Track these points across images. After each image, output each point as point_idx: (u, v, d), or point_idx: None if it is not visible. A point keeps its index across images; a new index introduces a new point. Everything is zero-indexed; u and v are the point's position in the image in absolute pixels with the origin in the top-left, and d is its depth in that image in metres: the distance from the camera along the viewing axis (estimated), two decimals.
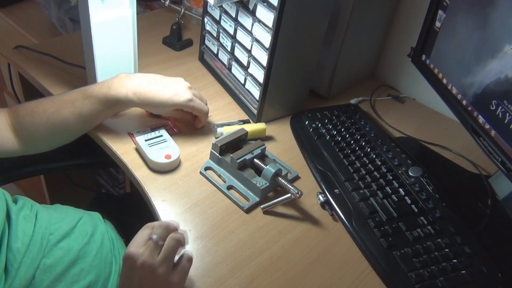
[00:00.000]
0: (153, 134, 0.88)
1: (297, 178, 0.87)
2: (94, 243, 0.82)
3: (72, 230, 0.81)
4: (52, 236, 0.77)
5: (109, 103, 0.84)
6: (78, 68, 1.03)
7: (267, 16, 0.85)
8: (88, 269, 0.78)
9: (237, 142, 0.87)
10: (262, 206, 0.79)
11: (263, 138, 0.94)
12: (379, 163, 0.88)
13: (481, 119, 0.81)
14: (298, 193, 0.76)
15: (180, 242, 0.64)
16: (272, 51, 0.87)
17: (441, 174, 0.89)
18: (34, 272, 0.72)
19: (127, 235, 0.94)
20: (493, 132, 0.78)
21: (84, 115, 0.84)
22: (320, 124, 0.97)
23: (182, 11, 1.19)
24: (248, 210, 0.79)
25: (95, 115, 0.86)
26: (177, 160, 0.85)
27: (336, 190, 0.83)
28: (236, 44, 0.99)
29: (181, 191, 0.81)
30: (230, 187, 0.83)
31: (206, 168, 0.86)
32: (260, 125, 0.93)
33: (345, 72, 1.08)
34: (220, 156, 0.84)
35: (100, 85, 0.84)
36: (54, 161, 1.07)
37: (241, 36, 0.96)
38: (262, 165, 0.82)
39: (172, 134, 0.91)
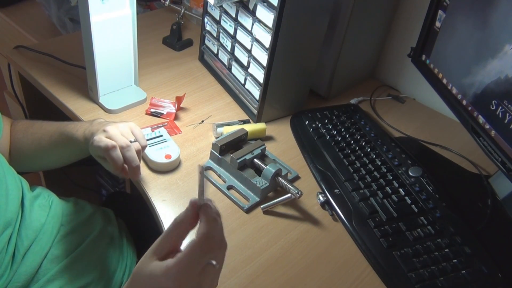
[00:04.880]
0: (153, 134, 0.88)
1: (297, 178, 0.87)
2: (103, 239, 0.83)
3: (83, 224, 0.82)
4: (63, 227, 0.79)
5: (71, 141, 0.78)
6: (78, 68, 1.03)
7: (267, 16, 0.85)
8: (95, 264, 0.79)
9: (237, 142, 0.87)
10: (262, 206, 0.79)
11: (263, 138, 0.94)
12: (379, 163, 0.88)
13: (481, 119, 0.81)
14: (298, 193, 0.76)
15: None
16: (272, 51, 0.87)
17: (441, 174, 0.89)
18: (41, 261, 0.73)
19: (138, 235, 0.95)
20: (493, 132, 0.78)
21: (58, 149, 0.82)
22: (320, 124, 0.97)
23: (182, 11, 1.19)
24: (248, 210, 0.79)
25: (67, 152, 0.84)
26: (177, 160, 0.85)
27: (336, 190, 0.83)
28: (236, 44, 0.99)
29: (181, 191, 0.81)
30: (230, 187, 0.83)
31: (206, 168, 0.85)
32: (260, 125, 0.93)
33: (345, 72, 1.08)
34: (220, 156, 0.84)
35: (76, 126, 0.79)
36: None
37: (241, 36, 0.96)
38: (262, 165, 0.82)
39: (172, 134, 0.91)
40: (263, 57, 0.90)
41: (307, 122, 0.97)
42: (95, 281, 0.78)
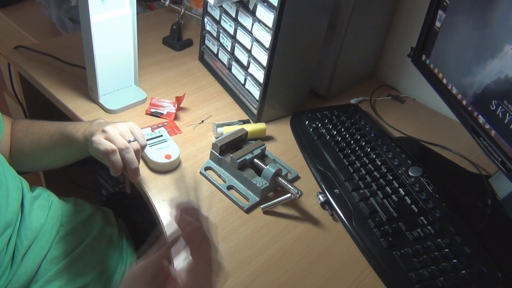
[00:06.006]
0: (153, 134, 0.88)
1: (297, 178, 0.87)
2: (103, 240, 0.83)
3: (83, 225, 0.82)
4: (62, 228, 0.79)
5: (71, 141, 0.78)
6: (78, 68, 1.03)
7: (267, 16, 0.85)
8: (94, 264, 0.79)
9: (237, 142, 0.87)
10: (262, 206, 0.79)
11: (263, 138, 0.94)
12: (379, 163, 0.88)
13: (481, 119, 0.81)
14: (298, 193, 0.76)
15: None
16: (272, 51, 0.87)
17: (441, 174, 0.89)
18: (40, 261, 0.73)
19: (138, 235, 0.95)
20: (493, 132, 0.78)
21: (58, 149, 0.82)
22: (320, 124, 0.97)
23: (182, 11, 1.19)
24: (248, 210, 0.79)
25: (67, 152, 0.83)
26: (177, 160, 0.85)
27: (336, 190, 0.83)
28: (236, 44, 0.99)
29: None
30: (230, 187, 0.83)
31: (206, 168, 0.86)
32: (260, 125, 0.93)
33: (345, 72, 1.08)
34: (220, 156, 0.84)
35: (76, 126, 0.78)
36: None
37: (241, 36, 0.96)
38: (262, 165, 0.82)
39: (172, 134, 0.91)
40: (263, 57, 0.90)
41: (307, 122, 0.97)
42: (94, 281, 0.78)
